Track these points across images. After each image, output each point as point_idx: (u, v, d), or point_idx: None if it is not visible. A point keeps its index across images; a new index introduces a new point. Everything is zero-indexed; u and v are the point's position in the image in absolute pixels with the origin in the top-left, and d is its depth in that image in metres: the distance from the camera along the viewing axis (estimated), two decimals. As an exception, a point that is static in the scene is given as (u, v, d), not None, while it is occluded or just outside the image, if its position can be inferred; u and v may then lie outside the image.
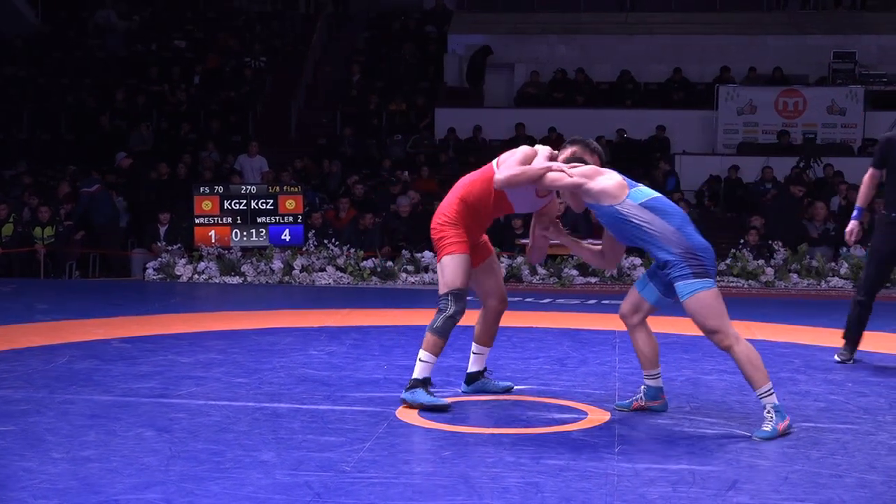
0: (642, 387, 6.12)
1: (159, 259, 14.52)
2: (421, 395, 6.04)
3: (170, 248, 14.66)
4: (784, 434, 5.51)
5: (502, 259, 13.86)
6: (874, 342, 9.01)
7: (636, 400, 6.13)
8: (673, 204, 5.93)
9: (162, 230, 15.63)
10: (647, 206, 5.77)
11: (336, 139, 21.75)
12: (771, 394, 5.58)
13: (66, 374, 7.06)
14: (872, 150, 20.72)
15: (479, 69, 23.16)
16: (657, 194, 5.88)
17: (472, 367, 6.62)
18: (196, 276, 14.14)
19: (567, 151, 6.12)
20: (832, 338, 9.18)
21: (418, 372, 6.11)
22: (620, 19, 24.49)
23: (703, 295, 5.60)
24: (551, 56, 23.86)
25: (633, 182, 5.94)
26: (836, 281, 13.64)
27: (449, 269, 6.12)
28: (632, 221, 5.73)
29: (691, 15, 24.21)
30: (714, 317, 5.60)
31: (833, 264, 13.96)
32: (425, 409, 5.97)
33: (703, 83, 22.74)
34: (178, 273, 14.18)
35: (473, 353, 6.61)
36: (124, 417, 5.80)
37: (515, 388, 6.68)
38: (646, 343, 6.03)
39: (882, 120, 21.20)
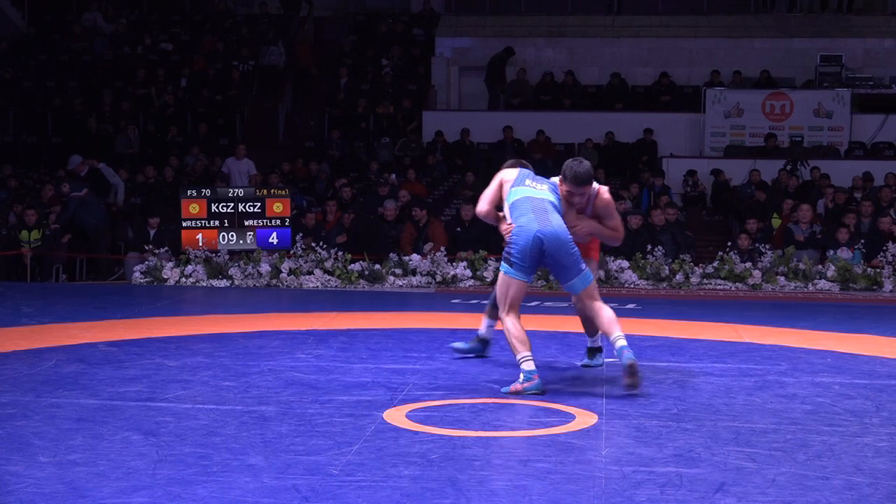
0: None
1: (147, 262, 14.49)
2: None
3: (157, 251, 14.63)
4: (521, 392, 6.60)
5: (490, 262, 13.87)
6: (860, 344, 9.05)
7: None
8: (528, 200, 6.91)
9: (151, 233, 15.64)
10: (510, 204, 6.96)
11: (324, 142, 21.75)
12: (526, 360, 6.70)
13: (53, 377, 7.04)
14: (859, 153, 20.92)
15: (498, 71, 23.12)
16: (525, 195, 6.93)
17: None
18: (183, 279, 14.11)
19: None
20: (819, 340, 9.22)
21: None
22: (607, 22, 24.55)
23: (501, 276, 6.91)
24: (538, 59, 23.91)
25: (521, 181, 7.03)
26: (822, 284, 13.66)
27: None
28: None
29: (678, 18, 24.28)
30: (500, 295, 6.95)
31: (820, 267, 13.98)
32: None
33: (690, 86, 22.81)
34: (166, 276, 14.15)
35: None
36: (111, 421, 5.78)
37: (502, 390, 6.70)
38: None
39: (868, 123, 21.33)
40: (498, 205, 7.14)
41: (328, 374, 7.30)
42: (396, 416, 5.97)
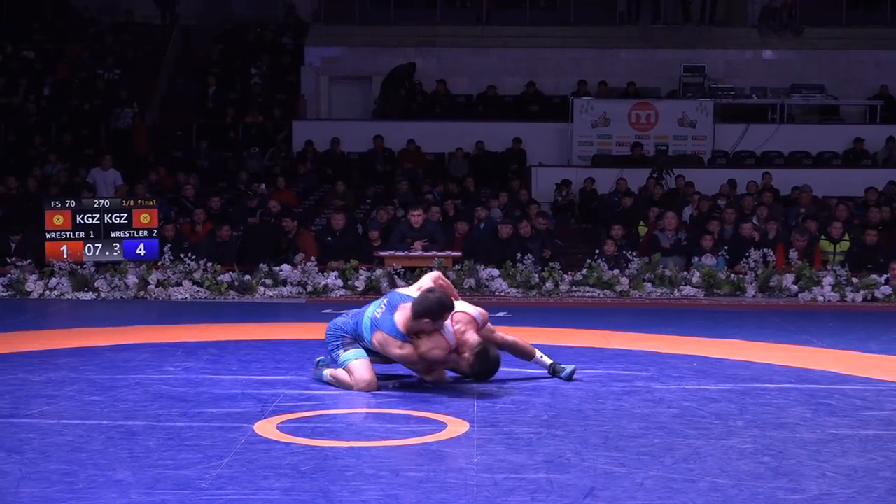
0: None
1: (8, 275, 14.14)
2: None
3: (20, 263, 14.29)
4: None
5: (361, 272, 13.84)
6: (725, 349, 9.24)
7: None
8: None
9: (13, 246, 15.27)
10: None
11: (192, 152, 21.48)
12: None
13: (-90, 395, 6.83)
14: (721, 161, 21.40)
15: (399, 83, 23.00)
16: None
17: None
18: (48, 292, 13.80)
19: None
20: (685, 345, 9.40)
21: None
22: (476, 32, 24.69)
23: None
24: (408, 69, 23.94)
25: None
26: (688, 290, 13.92)
27: None
28: None
29: (545, 28, 24.53)
30: None
31: (685, 273, 14.25)
32: None
33: (558, 96, 23.09)
34: (29, 289, 13.83)
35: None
36: (-28, 439, 5.63)
37: (373, 402, 6.71)
38: None
39: (730, 132, 21.85)
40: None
41: (197, 386, 7.21)
42: (267, 428, 5.92)
